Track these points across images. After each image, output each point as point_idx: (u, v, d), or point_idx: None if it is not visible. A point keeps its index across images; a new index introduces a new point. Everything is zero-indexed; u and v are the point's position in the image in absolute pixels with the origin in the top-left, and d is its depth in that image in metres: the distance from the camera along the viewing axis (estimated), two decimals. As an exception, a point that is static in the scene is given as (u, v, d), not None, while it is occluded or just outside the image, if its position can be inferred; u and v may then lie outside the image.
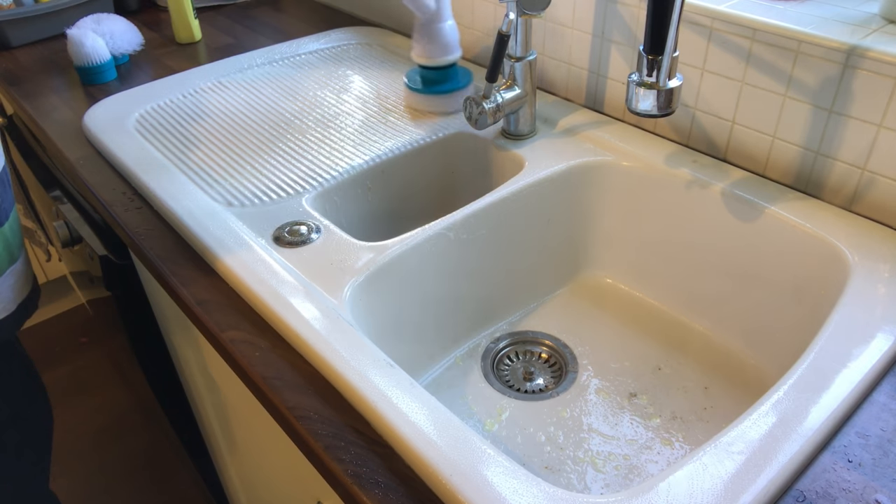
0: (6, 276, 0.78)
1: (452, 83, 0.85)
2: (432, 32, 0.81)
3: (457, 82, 0.86)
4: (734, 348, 0.72)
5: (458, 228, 0.69)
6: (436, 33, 0.81)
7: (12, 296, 0.80)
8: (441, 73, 0.85)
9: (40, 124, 0.90)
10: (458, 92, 0.86)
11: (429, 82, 0.85)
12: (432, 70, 0.85)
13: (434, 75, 0.85)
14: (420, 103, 0.86)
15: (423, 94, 0.85)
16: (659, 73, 0.60)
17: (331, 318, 0.56)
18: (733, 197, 0.69)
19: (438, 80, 0.85)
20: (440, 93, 0.85)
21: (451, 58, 0.84)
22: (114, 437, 1.56)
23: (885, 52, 0.59)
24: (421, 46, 0.83)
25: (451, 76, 0.86)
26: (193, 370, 0.89)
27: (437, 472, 0.44)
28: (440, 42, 0.82)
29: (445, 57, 0.83)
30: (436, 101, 0.85)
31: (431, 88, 0.85)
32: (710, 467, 0.44)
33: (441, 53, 0.83)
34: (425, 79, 0.86)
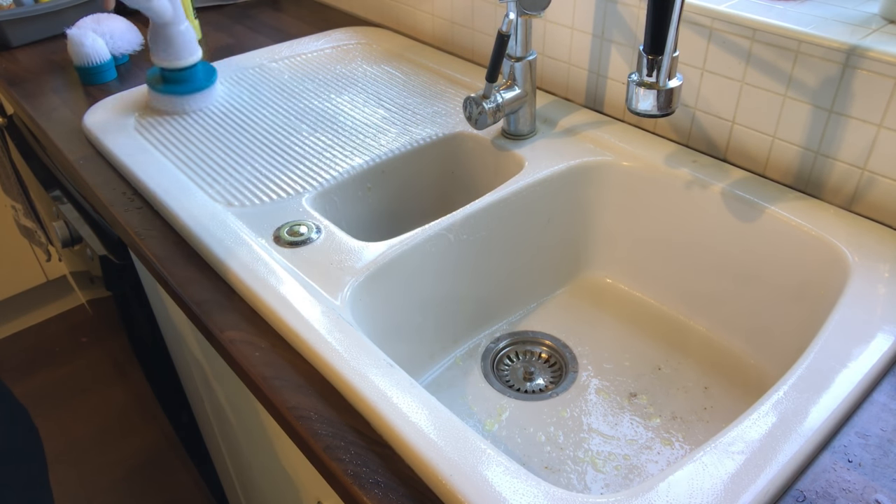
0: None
1: (193, 83, 0.88)
2: (170, 36, 0.84)
3: (198, 83, 0.88)
4: (734, 348, 0.72)
5: (458, 228, 0.69)
6: (174, 36, 0.84)
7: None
8: (182, 74, 0.87)
9: (40, 124, 0.90)
10: (202, 92, 0.89)
11: (170, 82, 0.88)
12: (174, 71, 0.87)
13: (176, 76, 0.87)
14: (162, 104, 0.88)
15: (164, 95, 0.87)
16: (659, 73, 0.60)
17: (331, 318, 0.56)
18: (733, 197, 0.69)
19: (180, 80, 0.87)
20: (182, 93, 0.87)
21: (192, 59, 0.87)
22: (114, 437, 1.56)
23: (885, 52, 0.59)
24: (162, 50, 0.85)
25: (192, 76, 0.88)
26: (193, 370, 0.89)
27: (437, 472, 0.44)
28: (179, 44, 0.85)
29: (186, 59, 0.86)
30: (177, 101, 0.88)
31: (172, 88, 0.87)
32: (710, 467, 0.44)
33: (181, 56, 0.86)
34: (167, 79, 0.88)
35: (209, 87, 0.89)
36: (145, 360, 0.98)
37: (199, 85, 0.88)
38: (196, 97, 0.88)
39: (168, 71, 0.87)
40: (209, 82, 0.89)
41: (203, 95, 0.89)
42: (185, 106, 0.88)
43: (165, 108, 0.88)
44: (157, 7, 0.81)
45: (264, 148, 0.81)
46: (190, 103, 0.88)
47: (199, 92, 0.88)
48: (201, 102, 0.89)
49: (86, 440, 1.56)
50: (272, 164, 0.78)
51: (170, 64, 0.86)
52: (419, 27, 1.08)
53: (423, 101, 0.90)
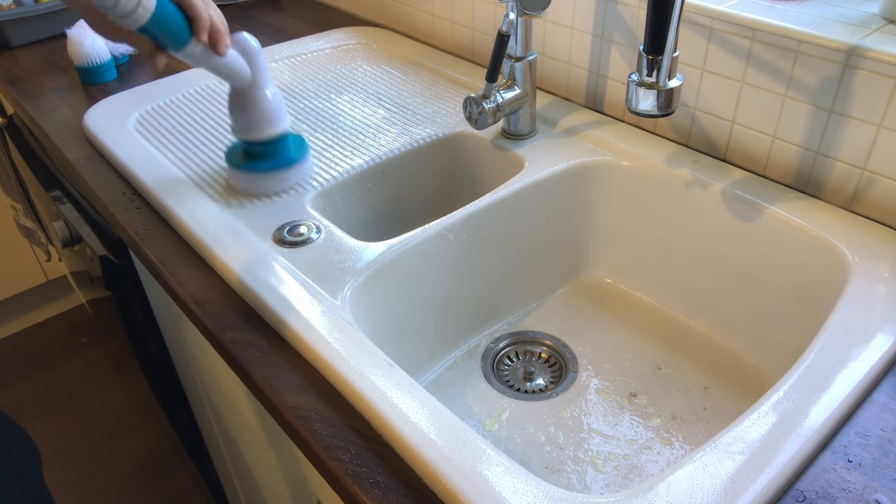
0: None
1: (280, 159, 0.73)
2: (252, 102, 0.70)
3: (286, 157, 0.73)
4: (734, 348, 0.72)
5: (458, 228, 0.69)
6: (258, 102, 0.70)
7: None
8: (267, 147, 0.72)
9: (40, 124, 0.90)
10: (290, 169, 0.73)
11: (253, 157, 0.73)
12: (257, 145, 0.72)
13: (259, 149, 0.72)
14: (244, 183, 0.73)
15: (247, 173, 0.72)
16: (659, 73, 0.60)
17: (331, 318, 0.56)
18: (733, 197, 0.69)
19: (264, 155, 0.72)
20: (266, 170, 0.72)
21: (276, 130, 0.71)
22: (114, 437, 1.56)
23: (885, 52, 0.59)
24: (243, 119, 0.70)
25: (280, 150, 0.73)
26: (193, 370, 0.89)
27: (437, 472, 0.44)
28: (265, 112, 0.70)
29: (270, 129, 0.71)
30: (263, 179, 0.73)
31: (255, 165, 0.72)
32: (710, 467, 0.44)
33: (266, 125, 0.71)
34: (249, 154, 0.73)
35: (300, 161, 0.74)
36: (145, 360, 0.98)
37: (288, 159, 0.73)
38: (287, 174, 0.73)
39: (250, 144, 0.72)
40: (300, 155, 0.74)
41: (294, 171, 0.73)
42: (275, 185, 0.73)
43: (254, 190, 0.73)
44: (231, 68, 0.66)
45: (264, 148, 0.81)
46: (279, 181, 0.73)
47: (290, 167, 0.73)
48: (294, 178, 0.74)
49: (86, 440, 1.56)
50: (272, 164, 0.78)
51: (251, 136, 0.71)
52: (419, 27, 1.08)
53: (423, 101, 0.90)
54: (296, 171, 0.74)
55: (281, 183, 0.73)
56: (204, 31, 0.61)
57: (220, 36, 0.63)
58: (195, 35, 0.61)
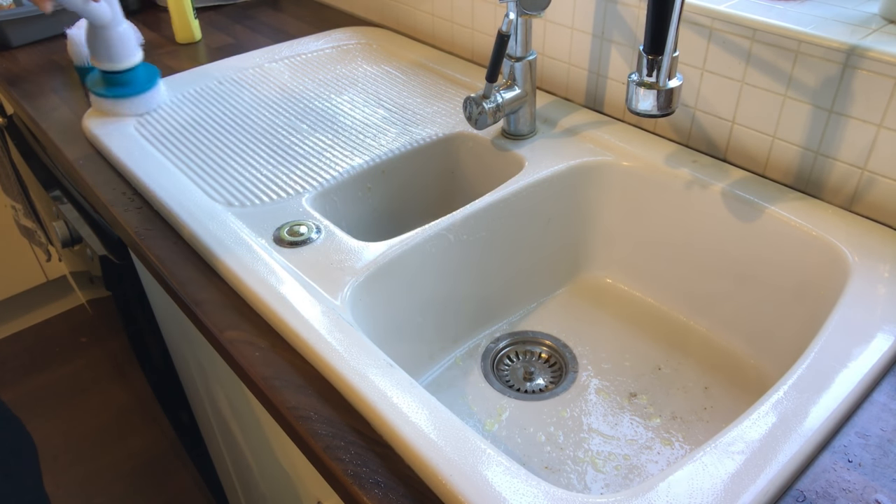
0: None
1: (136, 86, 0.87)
2: (109, 38, 0.83)
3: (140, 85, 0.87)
4: (734, 348, 0.72)
5: (458, 228, 0.69)
6: (113, 38, 0.83)
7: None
8: (124, 76, 0.86)
9: (40, 124, 0.90)
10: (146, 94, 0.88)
11: (113, 84, 0.86)
12: (115, 74, 0.86)
13: (118, 78, 0.86)
14: (104, 106, 0.87)
15: (110, 99, 0.86)
16: (659, 73, 0.60)
17: (331, 318, 0.56)
18: (733, 197, 0.69)
19: (120, 83, 0.86)
20: (123, 97, 0.86)
21: (132, 61, 0.86)
22: (114, 437, 1.56)
23: (885, 52, 0.59)
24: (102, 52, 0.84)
25: (134, 78, 0.87)
26: (193, 370, 0.89)
27: (437, 472, 0.44)
28: (119, 46, 0.84)
29: (127, 60, 0.85)
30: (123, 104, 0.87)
31: (116, 91, 0.86)
32: (710, 467, 0.44)
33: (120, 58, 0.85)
34: (108, 82, 0.87)
35: (150, 90, 0.88)
36: (145, 360, 0.98)
37: (139, 88, 0.87)
38: (137, 100, 0.87)
39: (108, 74, 0.86)
40: (150, 85, 0.88)
41: (145, 98, 0.88)
42: (127, 109, 0.87)
43: (108, 111, 0.87)
44: (94, 11, 0.80)
45: (264, 148, 0.81)
46: (131, 107, 0.87)
47: (141, 94, 0.87)
48: (144, 106, 0.88)
49: (86, 440, 1.56)
50: (272, 164, 0.78)
51: (110, 66, 0.85)
52: (419, 27, 1.08)
53: (423, 101, 0.90)
54: (146, 98, 0.88)
55: (133, 107, 0.87)
56: None
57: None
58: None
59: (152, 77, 0.89)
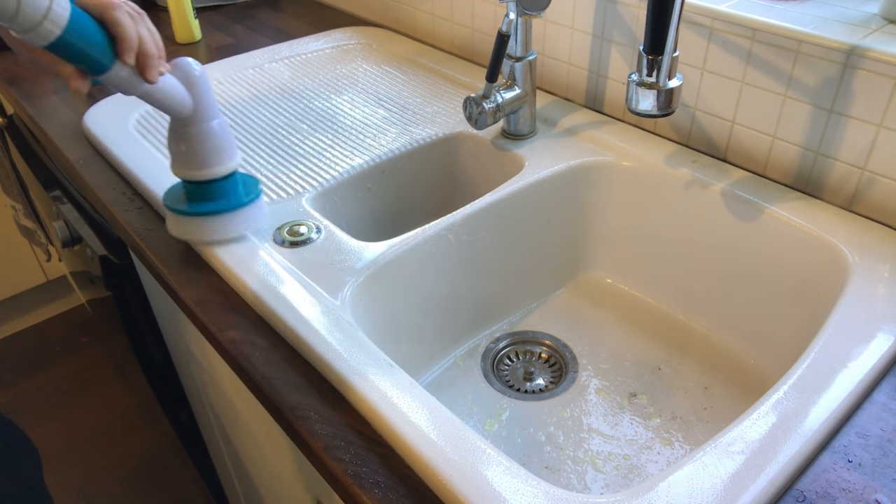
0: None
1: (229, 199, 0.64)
2: (194, 137, 0.60)
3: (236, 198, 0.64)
4: (734, 348, 0.72)
5: (458, 228, 0.69)
6: (201, 137, 0.60)
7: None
8: (214, 188, 0.63)
9: (40, 124, 0.90)
10: (239, 210, 0.64)
11: (194, 199, 0.63)
12: (199, 185, 0.62)
13: (202, 190, 0.63)
14: (190, 231, 0.64)
15: (186, 217, 0.63)
16: (659, 73, 0.60)
17: (331, 318, 0.56)
18: (733, 197, 0.69)
19: (208, 197, 0.63)
20: (212, 213, 0.63)
21: (226, 167, 0.62)
22: (114, 436, 1.56)
23: (885, 52, 0.59)
24: (183, 155, 0.61)
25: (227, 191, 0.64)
26: (193, 370, 0.89)
27: (437, 472, 0.44)
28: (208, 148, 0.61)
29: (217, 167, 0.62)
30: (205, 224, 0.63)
31: (196, 207, 0.63)
32: (710, 467, 0.44)
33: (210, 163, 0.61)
34: (190, 195, 0.63)
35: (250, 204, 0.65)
36: (145, 360, 0.98)
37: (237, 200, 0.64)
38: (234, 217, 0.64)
39: (192, 184, 0.63)
40: (250, 197, 0.65)
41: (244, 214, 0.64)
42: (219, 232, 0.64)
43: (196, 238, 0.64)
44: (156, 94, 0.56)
45: (264, 148, 0.81)
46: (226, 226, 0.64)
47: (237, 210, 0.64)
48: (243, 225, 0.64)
49: (86, 440, 1.56)
50: (272, 164, 0.78)
51: (192, 175, 0.62)
52: (419, 27, 1.08)
53: (423, 101, 0.90)
54: (244, 216, 0.64)
55: (226, 230, 0.63)
56: (130, 52, 0.51)
57: (150, 60, 0.53)
58: (119, 57, 0.51)
59: (252, 187, 0.65)
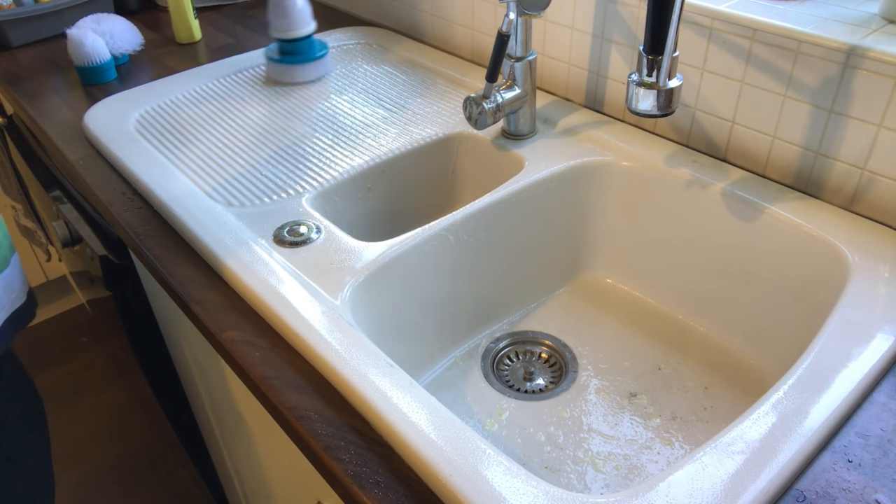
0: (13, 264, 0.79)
1: (308, 54, 0.94)
2: (287, 8, 0.90)
3: (312, 53, 0.94)
4: (734, 348, 0.72)
5: (458, 228, 0.69)
6: (290, 8, 0.90)
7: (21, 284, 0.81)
8: (298, 45, 0.93)
9: (40, 124, 0.90)
10: (316, 62, 0.95)
11: (286, 53, 0.94)
12: (289, 42, 0.93)
13: (291, 47, 0.93)
14: (280, 74, 0.95)
15: (282, 65, 0.94)
16: (659, 73, 0.60)
17: (331, 318, 0.56)
18: (733, 197, 0.69)
19: (296, 52, 0.93)
20: (298, 62, 0.93)
21: (306, 30, 0.93)
22: (114, 436, 1.56)
23: (885, 52, 0.59)
24: (277, 21, 0.91)
25: (307, 48, 0.94)
26: (193, 370, 0.89)
27: (437, 472, 0.44)
28: (293, 16, 0.91)
29: (300, 30, 0.92)
30: (294, 70, 0.94)
31: (290, 59, 0.93)
32: (710, 467, 0.44)
33: (295, 27, 0.92)
34: (283, 51, 0.94)
35: (322, 58, 0.95)
36: (145, 360, 0.98)
37: (311, 55, 0.94)
38: (310, 66, 0.94)
39: (285, 42, 0.93)
40: (322, 52, 0.95)
41: (316, 65, 0.94)
42: (300, 76, 0.94)
43: (283, 79, 0.95)
44: None
45: (264, 148, 0.81)
46: (304, 73, 0.94)
47: (313, 62, 0.94)
48: (316, 72, 0.95)
49: (86, 440, 1.56)
50: (272, 164, 0.78)
51: (286, 35, 0.92)
52: (419, 27, 1.08)
53: (423, 101, 0.90)
54: (318, 65, 0.95)
55: (306, 74, 0.95)
56: None
57: None
58: None
59: (323, 46, 0.96)
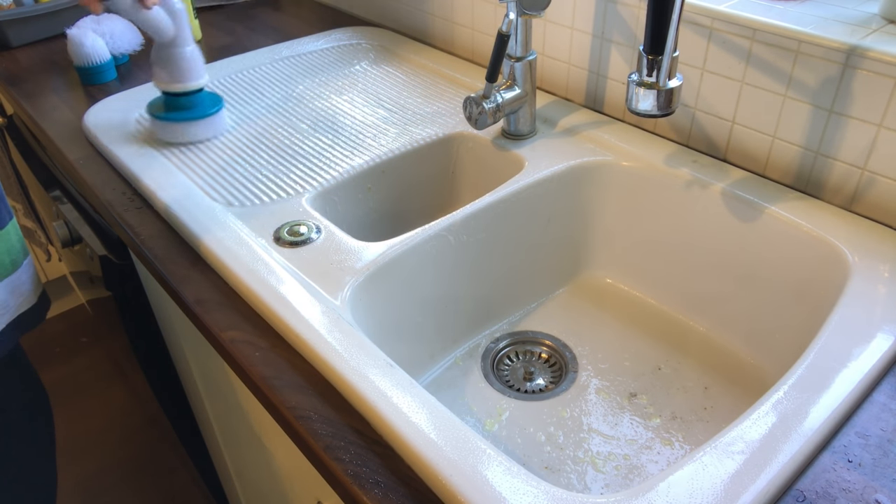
0: (25, 267, 0.79)
1: (199, 109, 0.81)
2: (173, 57, 0.78)
3: (204, 109, 0.82)
4: (734, 348, 0.72)
5: (457, 229, 0.69)
6: (177, 58, 0.78)
7: (31, 287, 0.81)
8: (187, 100, 0.81)
9: (40, 124, 0.90)
10: (207, 119, 0.82)
11: (171, 108, 0.81)
12: (177, 97, 0.80)
13: (178, 101, 0.81)
14: (165, 132, 0.81)
15: (168, 123, 0.80)
16: (659, 73, 0.60)
17: (331, 318, 0.56)
18: (733, 197, 0.69)
19: (185, 107, 0.81)
20: (187, 119, 0.81)
21: (196, 83, 0.80)
22: (114, 436, 1.56)
23: (885, 52, 0.59)
24: (164, 72, 0.79)
25: (198, 102, 0.82)
26: (193, 370, 0.89)
27: (437, 472, 0.44)
28: (183, 67, 0.78)
29: (189, 83, 0.79)
30: (182, 128, 0.81)
31: (172, 115, 0.80)
32: (710, 467, 0.44)
33: (184, 79, 0.79)
34: (168, 105, 0.81)
35: (215, 114, 0.82)
36: (145, 360, 0.98)
37: (203, 111, 0.81)
38: (202, 124, 0.82)
39: (171, 96, 0.80)
40: (215, 108, 0.83)
41: (209, 122, 0.82)
42: (189, 135, 0.81)
43: (168, 138, 0.81)
44: (150, 21, 0.73)
45: (264, 148, 0.81)
46: (195, 132, 0.82)
47: (205, 118, 0.82)
48: (209, 131, 0.82)
49: (85, 440, 1.56)
50: (272, 164, 0.78)
51: (172, 87, 0.79)
52: (419, 27, 1.08)
53: (423, 101, 0.90)
54: (210, 123, 0.82)
55: (195, 133, 0.82)
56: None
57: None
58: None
59: (216, 102, 0.84)
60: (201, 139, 0.82)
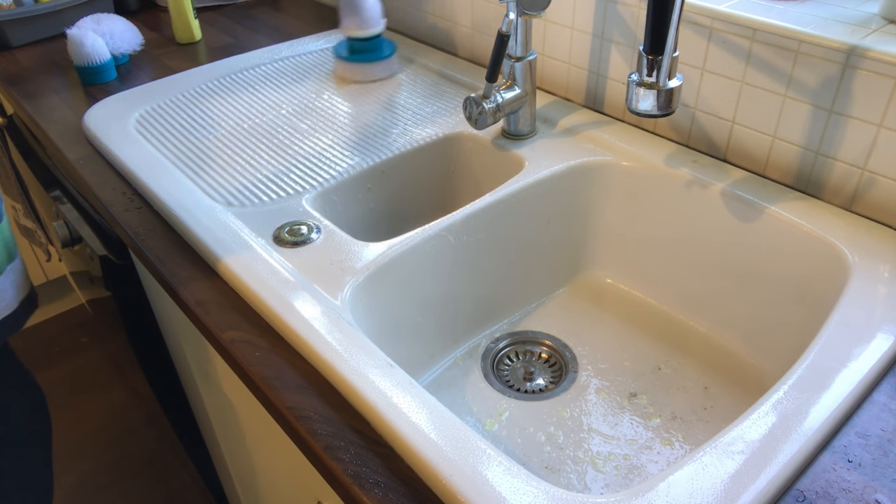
0: (7, 274, 0.79)
1: (378, 52, 0.95)
2: (360, 7, 0.91)
3: (381, 52, 0.95)
4: (734, 348, 0.72)
5: (457, 229, 0.69)
6: (364, 7, 0.91)
7: (14, 293, 0.80)
8: (367, 44, 0.94)
9: (40, 124, 0.90)
10: (384, 61, 0.95)
11: (356, 52, 0.94)
12: (359, 41, 0.94)
13: (361, 45, 0.94)
14: (348, 72, 0.95)
15: (351, 63, 0.94)
16: (659, 73, 0.60)
17: (331, 318, 0.56)
18: (733, 197, 0.69)
19: (365, 50, 0.94)
20: (367, 61, 0.94)
21: (376, 29, 0.93)
22: (114, 436, 1.56)
23: (885, 52, 0.59)
24: (347, 19, 0.92)
25: (377, 46, 0.95)
26: (193, 370, 0.89)
27: (437, 472, 0.44)
28: (364, 15, 0.91)
29: (370, 28, 0.92)
30: (363, 69, 0.94)
31: (359, 57, 0.94)
32: (710, 467, 0.44)
33: (366, 25, 0.92)
34: (353, 49, 0.95)
35: (390, 56, 0.95)
36: (145, 360, 0.98)
37: (382, 53, 0.94)
38: (381, 65, 0.94)
39: (355, 41, 0.94)
40: (391, 51, 0.95)
41: (387, 64, 0.95)
42: (370, 74, 0.94)
43: (358, 78, 0.95)
44: None
45: (264, 148, 0.81)
46: (374, 71, 0.94)
47: (384, 59, 0.94)
48: (385, 71, 0.95)
49: (85, 440, 1.56)
50: (272, 164, 0.78)
51: (357, 33, 0.92)
52: (419, 27, 1.08)
53: (423, 101, 0.90)
54: (387, 64, 0.96)
55: (375, 73, 0.95)
56: None
57: None
58: None
59: (391, 46, 0.96)
60: (380, 77, 0.95)
